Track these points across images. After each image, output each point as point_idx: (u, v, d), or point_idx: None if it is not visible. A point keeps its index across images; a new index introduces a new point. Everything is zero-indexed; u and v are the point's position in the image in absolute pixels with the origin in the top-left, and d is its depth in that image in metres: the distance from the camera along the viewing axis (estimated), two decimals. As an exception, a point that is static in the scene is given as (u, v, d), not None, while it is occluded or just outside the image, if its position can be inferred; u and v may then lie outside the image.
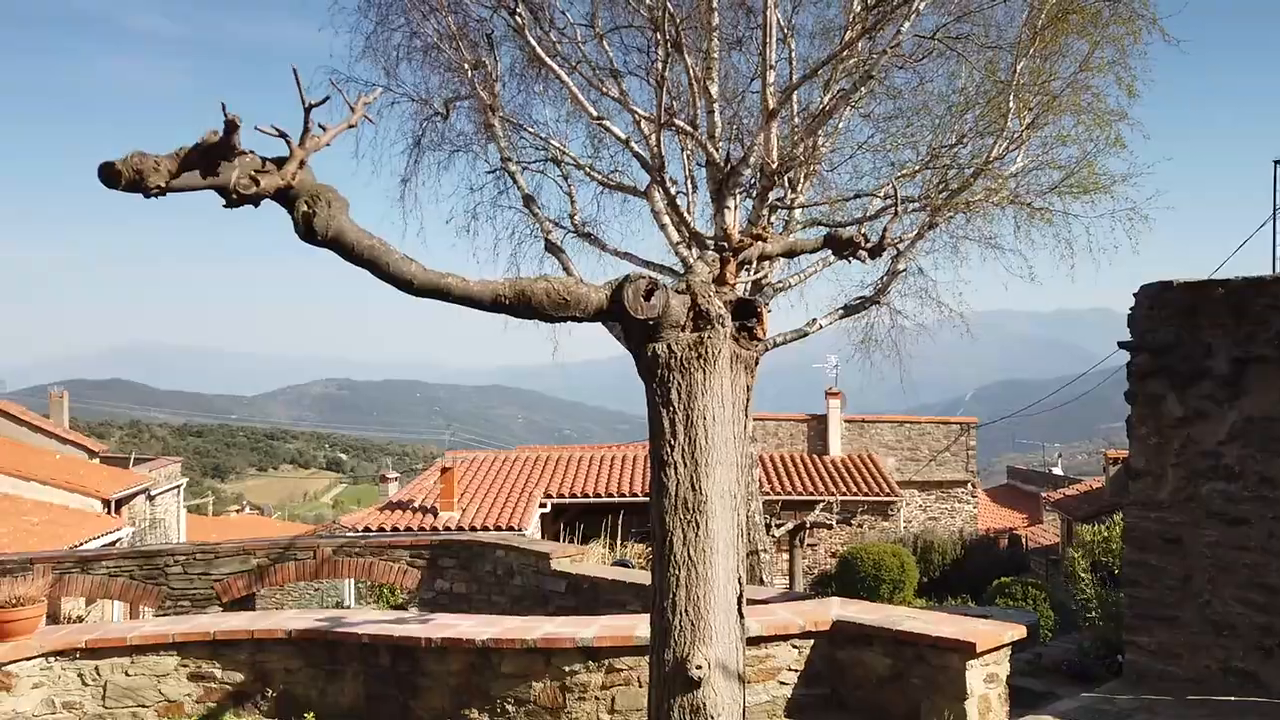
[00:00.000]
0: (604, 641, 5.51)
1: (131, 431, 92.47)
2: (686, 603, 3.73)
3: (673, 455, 3.77)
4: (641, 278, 3.71)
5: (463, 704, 5.72)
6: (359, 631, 6.05)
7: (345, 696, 6.05)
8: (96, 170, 2.97)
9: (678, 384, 3.78)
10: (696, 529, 3.75)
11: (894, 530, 23.62)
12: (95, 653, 6.15)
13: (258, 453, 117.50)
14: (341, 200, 3.45)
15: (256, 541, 10.29)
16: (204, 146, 3.06)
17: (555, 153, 12.06)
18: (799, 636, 5.82)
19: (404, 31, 11.10)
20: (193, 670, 6.20)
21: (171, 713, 6.15)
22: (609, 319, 3.88)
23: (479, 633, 5.78)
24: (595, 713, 5.48)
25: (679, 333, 3.81)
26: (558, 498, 20.87)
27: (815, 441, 26.72)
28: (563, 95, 11.62)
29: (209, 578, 9.63)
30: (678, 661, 3.68)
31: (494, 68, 11.08)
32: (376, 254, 3.48)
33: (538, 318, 3.95)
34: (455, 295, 3.71)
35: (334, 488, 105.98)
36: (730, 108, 11.64)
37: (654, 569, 3.90)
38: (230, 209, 3.33)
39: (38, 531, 20.25)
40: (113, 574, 9.57)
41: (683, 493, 3.76)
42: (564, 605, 8.47)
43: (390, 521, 19.13)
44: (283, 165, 3.35)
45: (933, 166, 11.64)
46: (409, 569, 9.94)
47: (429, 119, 11.85)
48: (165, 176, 3.03)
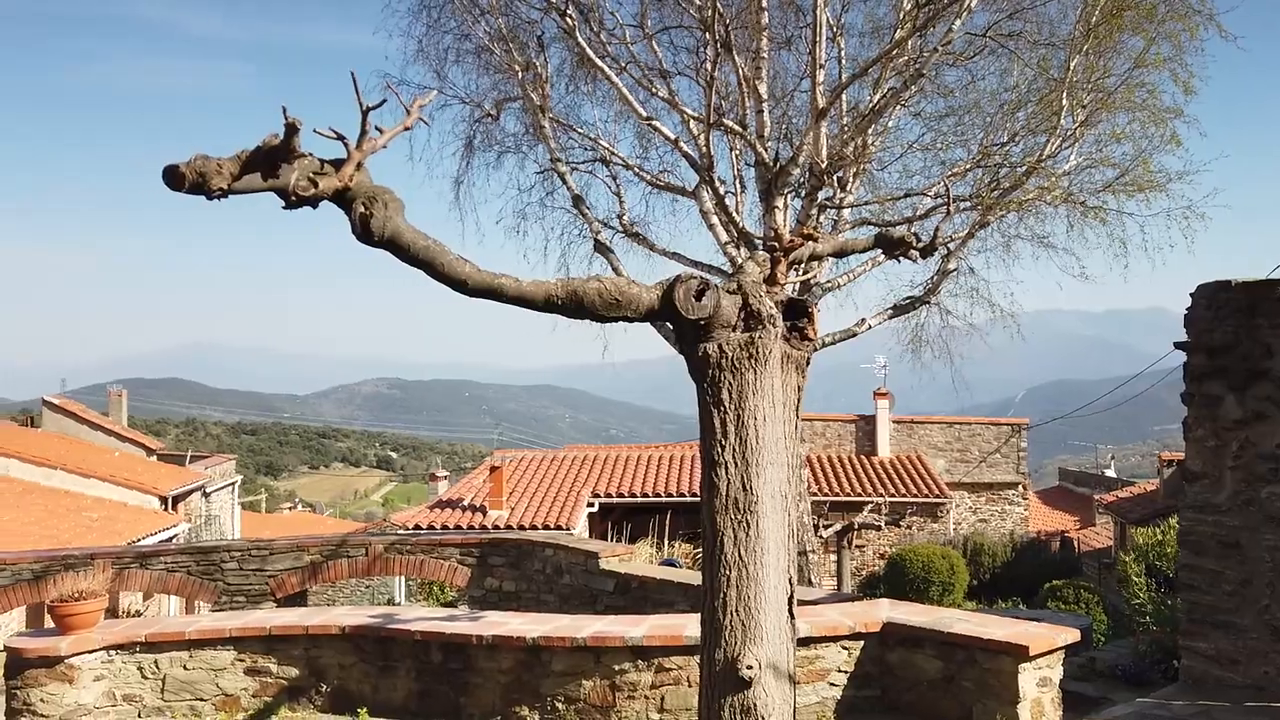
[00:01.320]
0: (653, 641, 5.52)
1: (187, 429, 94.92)
2: (737, 602, 3.72)
3: (723, 455, 3.76)
4: (693, 278, 3.71)
5: (513, 701, 5.76)
6: (411, 628, 6.12)
7: (398, 693, 6.13)
8: (161, 173, 3.05)
9: (729, 384, 3.76)
10: (747, 529, 3.73)
11: (943, 532, 23.30)
12: (154, 646, 6.31)
13: (310, 451, 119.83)
14: (398, 201, 3.50)
15: (310, 538, 10.48)
16: (265, 149, 3.12)
17: (604, 153, 12.10)
18: (848, 638, 5.77)
19: (455, 34, 11.25)
20: (249, 665, 6.33)
21: (228, 706, 6.28)
22: (660, 319, 3.88)
23: (529, 630, 5.82)
24: (645, 712, 5.48)
25: (730, 333, 3.79)
26: (605, 497, 20.94)
27: (863, 442, 26.45)
28: (611, 96, 11.65)
29: (264, 573, 9.83)
30: (728, 661, 3.66)
31: (544, 69, 11.15)
32: (432, 254, 3.52)
33: (589, 318, 3.97)
34: (508, 295, 3.74)
35: (384, 486, 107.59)
36: (779, 107, 11.58)
37: (704, 568, 3.89)
38: (289, 210, 3.40)
39: (97, 527, 20.87)
40: (170, 569, 9.81)
41: (733, 492, 3.75)
42: (612, 604, 8.49)
43: (440, 520, 19.36)
44: (340, 167, 3.41)
45: (984, 165, 11.46)
46: (459, 567, 10.05)
47: (479, 121, 11.98)
48: (227, 179, 3.10)
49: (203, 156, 3.07)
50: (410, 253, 3.51)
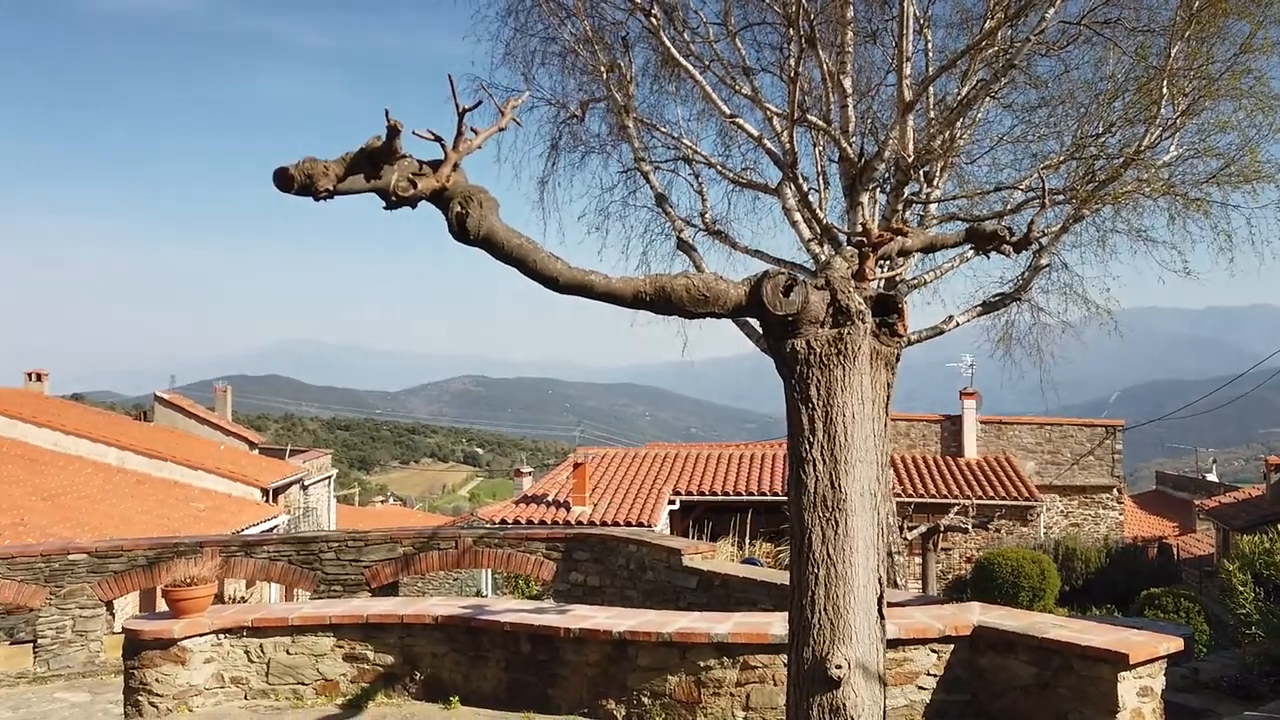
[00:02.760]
0: (738, 638, 5.52)
1: (286, 425, 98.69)
2: (825, 601, 3.70)
3: (811, 452, 3.74)
4: (781, 273, 3.70)
5: (600, 694, 5.84)
6: (500, 619, 6.26)
7: (488, 682, 6.27)
8: (272, 175, 3.20)
9: (817, 380, 3.75)
10: (836, 527, 3.71)
11: (1033, 536, 22.61)
12: (260, 631, 6.60)
13: (400, 446, 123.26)
14: (492, 201, 3.59)
15: (403, 530, 10.79)
16: (368, 151, 3.25)
17: (686, 152, 12.12)
18: (938, 641, 5.67)
19: (541, 37, 11.43)
20: (347, 651, 6.57)
21: (328, 691, 6.53)
22: (746, 315, 3.88)
23: (615, 625, 5.88)
24: (730, 709, 5.49)
25: (818, 329, 3.77)
26: (686, 495, 20.98)
27: (949, 443, 25.85)
28: (694, 94, 11.66)
29: (359, 564, 10.16)
30: (817, 660, 3.65)
31: (628, 69, 11.23)
32: (525, 252, 3.61)
33: (676, 313, 4.00)
34: (598, 292, 3.80)
35: (470, 481, 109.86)
36: (864, 102, 11.42)
37: (792, 566, 3.88)
38: (390, 210, 3.53)
39: (204, 517, 21.91)
40: (273, 558, 10.23)
41: (821, 490, 3.73)
42: (695, 602, 8.51)
43: (525, 515, 19.70)
44: (438, 168, 3.52)
45: (1078, 157, 11.08)
46: (545, 561, 10.21)
47: (565, 122, 12.14)
48: (333, 180, 3.23)
49: (310, 159, 3.21)
50: (504, 250, 3.60)
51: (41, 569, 9.68)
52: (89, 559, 9.84)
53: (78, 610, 9.72)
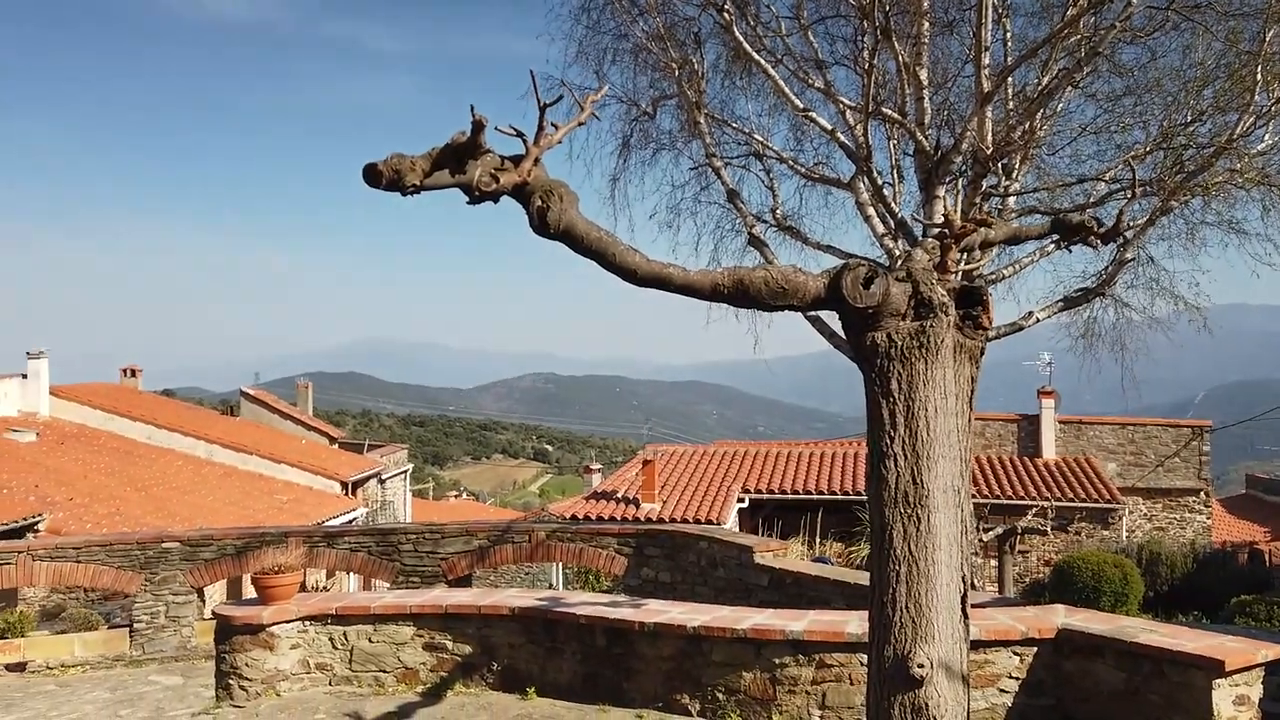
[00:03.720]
0: (814, 636, 5.47)
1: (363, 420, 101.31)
2: (907, 599, 3.64)
3: (892, 447, 3.69)
4: (861, 265, 3.66)
5: (674, 689, 5.85)
6: (576, 612, 6.32)
7: (563, 674, 6.34)
8: (362, 171, 3.29)
9: (898, 374, 3.69)
10: (918, 524, 3.65)
11: (1115, 539, 21.87)
12: (343, 619, 6.79)
13: (472, 442, 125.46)
14: (572, 195, 3.63)
15: (478, 524, 10.98)
16: (453, 146, 3.32)
17: (758, 147, 12.04)
18: (1020, 643, 5.53)
19: (613, 34, 11.46)
20: (427, 641, 6.72)
21: (408, 679, 6.68)
22: (825, 308, 3.84)
23: (689, 620, 5.89)
24: (806, 707, 5.45)
25: (899, 321, 3.72)
26: (755, 493, 20.86)
27: (1026, 443, 25.17)
28: (766, 89, 11.56)
29: (436, 556, 10.38)
30: (898, 659, 3.60)
31: (700, 65, 11.21)
32: (604, 245, 3.64)
33: (754, 306, 3.98)
34: (676, 284, 3.81)
35: (540, 477, 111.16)
36: (940, 93, 11.18)
37: (872, 563, 3.83)
38: (472, 205, 3.59)
39: (287, 509, 22.64)
40: (353, 549, 10.52)
41: (903, 486, 3.67)
42: (767, 599, 8.46)
43: (595, 510, 19.84)
44: (519, 163, 3.58)
45: (1166, 147, 10.66)
46: (616, 556, 10.27)
47: (636, 120, 12.16)
48: (419, 175, 3.31)
49: (398, 155, 3.28)
50: (584, 244, 3.63)
51: (137, 556, 10.13)
52: (181, 547, 10.26)
53: (171, 596, 10.14)
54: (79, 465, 22.82)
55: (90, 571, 10.06)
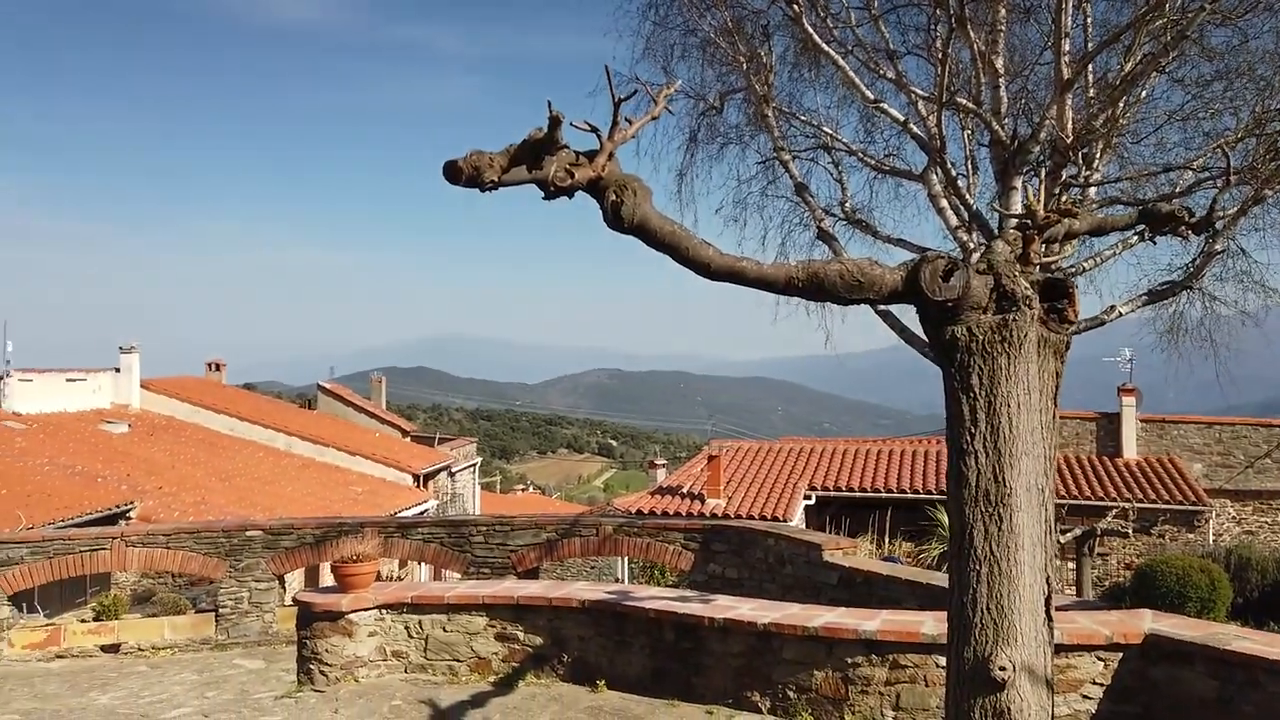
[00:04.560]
0: (888, 636, 5.39)
1: (433, 414, 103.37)
2: (988, 600, 3.56)
3: (973, 444, 3.61)
4: (940, 257, 3.59)
5: (744, 685, 5.83)
6: (645, 606, 6.34)
7: (632, 668, 6.37)
8: (442, 168, 3.35)
9: (979, 369, 3.61)
10: (999, 523, 3.57)
11: (1201, 543, 21.04)
12: (419, 608, 6.93)
13: (538, 437, 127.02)
14: (645, 189, 3.63)
15: (546, 517, 11.09)
16: (531, 142, 3.35)
17: (826, 139, 11.88)
18: (1104, 648, 5.36)
19: (681, 30, 11.42)
20: (499, 631, 6.81)
21: (481, 669, 6.79)
22: (902, 301, 3.77)
23: (759, 616, 5.86)
24: (879, 708, 5.37)
25: (980, 315, 3.63)
26: (822, 490, 20.63)
27: (1105, 442, 24.37)
28: (835, 81, 11.41)
29: (505, 548, 10.52)
30: (978, 661, 3.52)
31: (768, 58, 11.11)
32: (677, 239, 3.63)
33: (829, 299, 3.93)
34: (750, 278, 3.78)
35: (605, 472, 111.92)
36: (1017, 82, 10.87)
37: (951, 563, 3.76)
38: (547, 200, 3.62)
39: (361, 500, 23.22)
40: (427, 540, 10.73)
41: (984, 484, 3.59)
42: (836, 598, 8.36)
43: (660, 506, 19.88)
44: (593, 158, 3.59)
45: (1259, 134, 10.17)
46: (683, 551, 10.27)
47: (704, 114, 12.12)
48: (497, 172, 3.35)
49: (477, 152, 3.33)
50: (657, 237, 3.63)
51: (223, 543, 10.50)
52: (264, 535, 10.60)
53: (254, 583, 10.49)
54: (167, 456, 23.76)
55: (179, 558, 10.48)
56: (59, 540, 10.51)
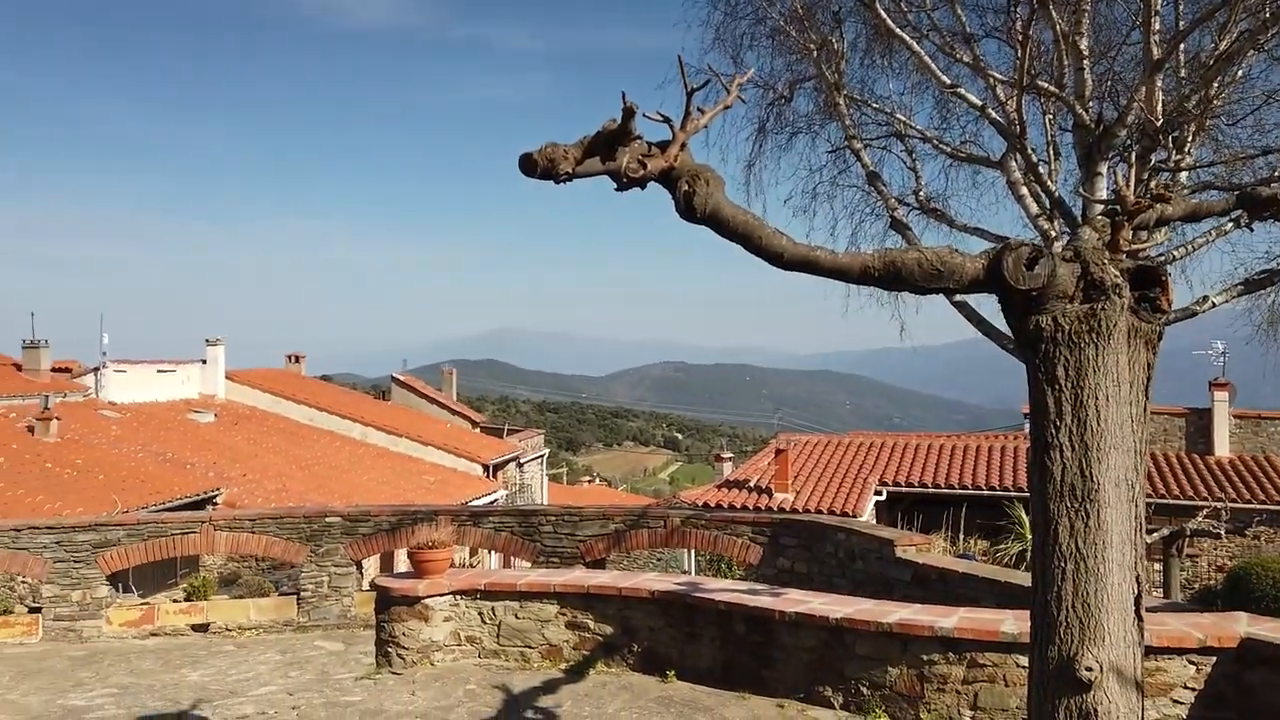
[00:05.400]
0: (965, 634, 5.27)
1: (501, 406, 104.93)
2: (1074, 598, 3.45)
3: (1058, 437, 3.51)
4: (1024, 245, 3.49)
5: (815, 680, 5.77)
6: (715, 598, 6.32)
7: (702, 659, 6.36)
8: (518, 160, 3.37)
9: (1065, 360, 3.50)
10: (1086, 519, 3.46)
11: (1300, 546, 20.05)
12: (492, 595, 7.04)
13: (604, 429, 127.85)
14: (718, 179, 3.61)
15: (614, 508, 11.14)
16: (605, 134, 3.35)
17: (899, 127, 11.63)
18: (1196, 652, 5.14)
19: (750, 19, 11.30)
20: (569, 619, 6.88)
21: (552, 656, 6.86)
22: (984, 290, 3.67)
23: (832, 611, 5.79)
24: (956, 706, 5.26)
25: (1067, 304, 3.52)
26: (893, 486, 20.28)
27: (1195, 439, 23.38)
28: (909, 67, 11.15)
29: (574, 538, 10.61)
30: (1063, 660, 3.42)
31: (839, 44, 10.93)
32: (750, 228, 3.60)
33: (906, 289, 3.85)
34: (824, 267, 3.72)
35: (670, 465, 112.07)
36: (1102, 63, 10.46)
37: (1034, 560, 3.66)
38: (620, 191, 3.63)
39: (433, 490, 23.69)
40: (497, 528, 10.89)
41: (1069, 478, 3.48)
42: (909, 595, 8.20)
43: (727, 499, 19.80)
44: (666, 149, 3.58)
45: (1367, 115, 9.62)
46: (751, 544, 10.21)
47: (773, 104, 11.97)
48: (572, 163, 3.36)
49: (552, 144, 3.35)
50: (729, 227, 3.60)
51: (304, 529, 10.83)
52: (342, 522, 10.90)
53: (333, 568, 10.79)
54: (251, 444, 24.61)
55: (263, 542, 10.84)
56: (152, 523, 10.98)
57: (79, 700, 7.17)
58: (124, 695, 7.33)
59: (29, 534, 10.50)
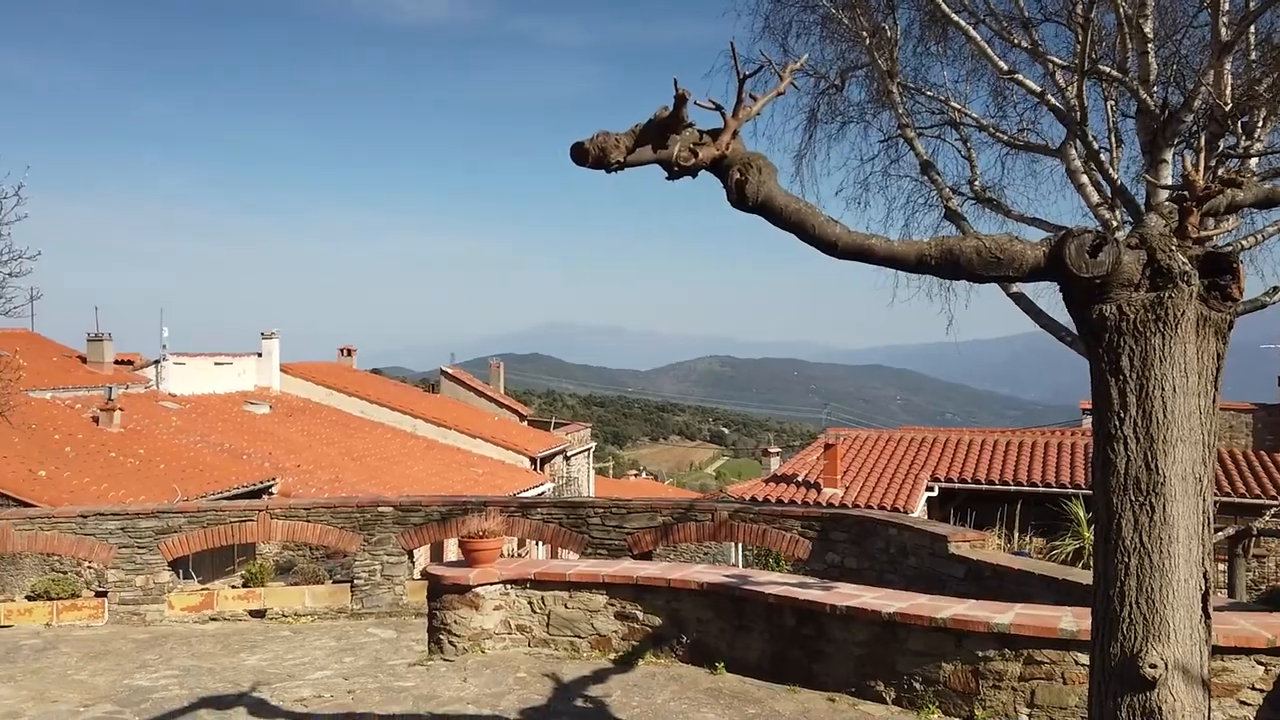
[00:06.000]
0: (1022, 630, 5.16)
1: (547, 400, 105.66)
2: (1137, 594, 3.36)
3: (1122, 429, 3.41)
4: (1087, 231, 3.39)
5: (867, 675, 5.70)
6: (765, 591, 6.28)
7: (752, 652, 6.33)
8: (570, 150, 3.37)
9: (1129, 350, 3.40)
10: (1150, 513, 3.36)
11: (1376, 548, 19.29)
12: (541, 585, 7.08)
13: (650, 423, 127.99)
14: (771, 167, 3.56)
15: (662, 500, 11.13)
16: (657, 122, 3.33)
17: (954, 115, 11.41)
18: (1265, 652, 4.97)
19: (800, 6, 11.19)
20: (618, 610, 6.89)
21: (601, 646, 6.89)
22: (1045, 278, 3.59)
23: (884, 605, 5.71)
24: (1012, 703, 5.16)
25: (1132, 292, 3.42)
26: (945, 481, 19.97)
27: (1263, 436, 22.64)
28: (964, 54, 10.94)
29: (622, 530, 10.63)
30: (1126, 657, 3.33)
31: (892, 32, 10.76)
32: (803, 217, 3.55)
33: (964, 278, 3.77)
34: (879, 256, 3.66)
35: (717, 460, 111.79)
36: (1168, 46, 10.15)
37: (1096, 555, 3.57)
38: (671, 180, 3.60)
39: (482, 481, 23.96)
40: (546, 520, 10.95)
41: (1133, 471, 3.39)
42: (962, 592, 8.05)
43: (775, 494, 19.69)
44: (717, 137, 3.55)
45: None
46: (800, 539, 10.13)
47: (823, 93, 11.83)
48: (623, 152, 3.34)
49: (603, 133, 3.33)
50: (782, 215, 3.56)
51: (357, 518, 11.01)
52: (394, 511, 11.06)
53: (385, 556, 10.96)
54: (304, 435, 25.12)
55: (318, 530, 11.05)
56: (211, 511, 11.27)
57: (144, 681, 7.39)
58: (186, 676, 7.53)
59: (95, 520, 10.84)
